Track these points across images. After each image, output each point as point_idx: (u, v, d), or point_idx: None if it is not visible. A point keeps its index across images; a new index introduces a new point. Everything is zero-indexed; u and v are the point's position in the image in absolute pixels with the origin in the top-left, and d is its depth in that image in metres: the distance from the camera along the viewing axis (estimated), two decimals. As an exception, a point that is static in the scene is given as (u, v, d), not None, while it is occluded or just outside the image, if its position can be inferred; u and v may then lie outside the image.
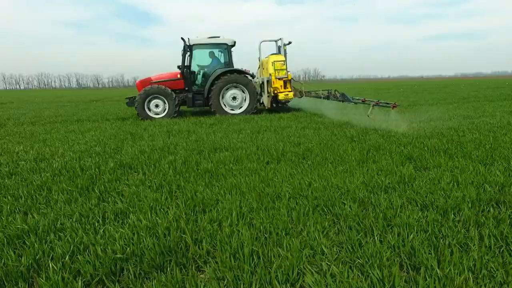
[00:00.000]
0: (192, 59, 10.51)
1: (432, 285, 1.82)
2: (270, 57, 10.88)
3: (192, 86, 10.68)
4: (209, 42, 10.70)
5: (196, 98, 10.61)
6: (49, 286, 1.82)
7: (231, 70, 10.54)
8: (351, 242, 2.32)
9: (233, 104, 10.70)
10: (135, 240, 2.28)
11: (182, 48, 10.37)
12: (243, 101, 10.75)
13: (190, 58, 10.45)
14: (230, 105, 10.68)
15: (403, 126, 7.13)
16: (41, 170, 4.22)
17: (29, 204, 3.08)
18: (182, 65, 10.43)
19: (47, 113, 13.24)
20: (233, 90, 10.58)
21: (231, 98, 10.62)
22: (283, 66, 10.66)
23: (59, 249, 2.21)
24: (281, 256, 2.14)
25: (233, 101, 10.64)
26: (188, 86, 10.60)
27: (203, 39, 10.64)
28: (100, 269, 2.02)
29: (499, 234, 2.38)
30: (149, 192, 3.37)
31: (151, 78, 10.72)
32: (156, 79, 10.66)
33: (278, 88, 10.73)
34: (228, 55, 10.83)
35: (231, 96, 10.60)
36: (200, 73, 10.89)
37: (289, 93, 10.78)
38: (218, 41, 10.73)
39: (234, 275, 1.93)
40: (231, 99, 10.62)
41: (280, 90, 10.73)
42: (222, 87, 10.40)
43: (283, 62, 10.68)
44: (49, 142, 6.46)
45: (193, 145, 5.71)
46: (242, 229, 2.49)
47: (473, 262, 2.04)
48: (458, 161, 4.27)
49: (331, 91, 10.52)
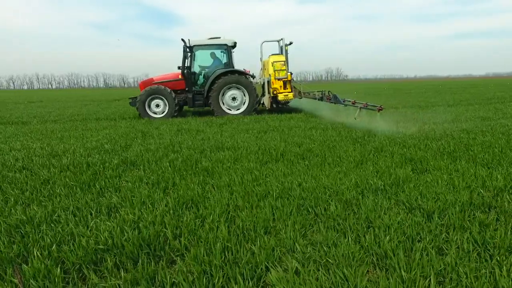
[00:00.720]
0: (192, 60, 10.69)
1: (394, 286, 1.83)
2: (270, 57, 10.87)
3: (193, 86, 10.84)
4: (209, 43, 10.84)
5: (196, 99, 10.76)
6: (32, 271, 1.97)
7: (231, 70, 10.62)
8: (326, 242, 2.35)
9: (232, 105, 10.79)
10: (118, 233, 2.41)
11: (182, 49, 10.46)
12: (242, 101, 10.80)
13: (190, 59, 10.63)
14: (229, 105, 10.78)
15: (413, 128, 6.97)
16: (50, 165, 4.49)
17: (32, 196, 3.30)
18: (182, 66, 10.56)
19: (70, 112, 13.88)
20: (232, 90, 10.68)
21: (231, 98, 10.72)
22: (283, 66, 10.61)
23: (48, 238, 2.38)
24: (254, 253, 2.20)
25: (233, 102, 10.74)
26: (188, 87, 10.78)
27: (203, 40, 10.80)
28: (82, 258, 2.16)
29: (480, 239, 2.33)
30: (144, 188, 3.51)
31: (153, 79, 11.02)
32: (158, 79, 10.94)
33: (278, 89, 10.71)
34: (228, 56, 10.91)
35: (231, 97, 10.70)
36: (201, 74, 11.04)
37: (288, 94, 10.75)
38: (218, 42, 10.83)
39: (202, 269, 2.01)
40: (230, 99, 10.73)
41: (280, 91, 10.70)
42: (222, 88, 10.50)
43: (283, 63, 10.62)
44: (65, 140, 6.81)
45: (198, 144, 5.85)
46: (222, 226, 2.57)
47: (443, 266, 2.02)
48: (460, 164, 4.15)
49: (325, 92, 10.44)
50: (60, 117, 11.72)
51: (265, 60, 11.38)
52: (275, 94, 10.72)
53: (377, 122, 7.35)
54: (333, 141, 5.77)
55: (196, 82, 10.93)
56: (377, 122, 7.41)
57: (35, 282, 1.89)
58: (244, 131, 7.36)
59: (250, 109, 10.72)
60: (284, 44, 11.03)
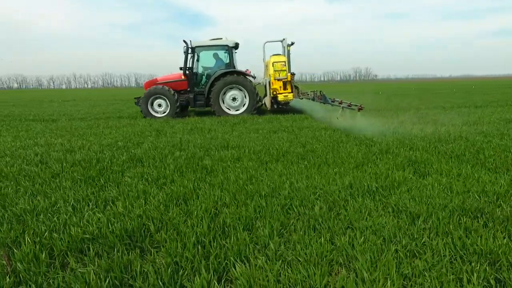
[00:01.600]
0: (194, 61, 10.91)
1: (351, 286, 1.84)
2: (271, 57, 10.84)
3: (195, 87, 11.06)
4: (210, 44, 11.02)
5: (198, 99, 10.97)
6: (21, 255, 2.17)
7: (231, 71, 10.73)
8: (302, 241, 2.38)
9: (233, 105, 10.90)
10: (105, 224, 2.58)
11: (184, 50, 10.64)
12: (243, 102, 10.87)
13: (192, 59, 10.85)
14: (230, 105, 10.90)
15: (428, 130, 6.76)
16: (64, 160, 4.80)
17: (40, 188, 3.57)
18: (184, 67, 10.77)
19: (96, 110, 14.61)
20: (233, 91, 10.79)
21: (231, 98, 10.83)
22: (283, 67, 10.53)
23: (43, 227, 2.59)
24: (228, 248, 2.28)
25: (233, 102, 10.85)
26: (190, 87, 11.02)
27: (205, 41, 11.01)
28: (68, 246, 2.34)
29: (460, 244, 2.27)
30: (143, 184, 3.69)
31: (157, 79, 11.36)
32: (161, 80, 11.27)
33: (277, 89, 10.68)
34: (229, 57, 11.01)
35: (231, 97, 10.82)
36: (204, 74, 11.23)
37: (288, 95, 10.69)
38: (219, 42, 11.00)
39: (173, 261, 2.12)
40: (231, 99, 10.83)
41: (280, 91, 10.67)
42: (222, 88, 10.64)
43: (283, 63, 10.56)
44: (86, 136, 7.21)
45: (205, 142, 6.01)
46: (204, 221, 2.67)
47: (410, 271, 2.00)
48: (465, 168, 4.00)
49: (316, 92, 10.30)
50: (87, 115, 12.37)
51: (267, 60, 11.41)
52: (275, 95, 10.74)
53: (421, 124, 7.27)
54: (340, 142, 5.72)
55: (198, 83, 11.17)
56: (421, 123, 7.34)
57: (21, 265, 2.08)
58: (254, 130, 7.44)
59: (250, 110, 10.78)
60: (286, 44, 10.96)
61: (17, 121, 10.96)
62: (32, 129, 8.73)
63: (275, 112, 11.13)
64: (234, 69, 10.83)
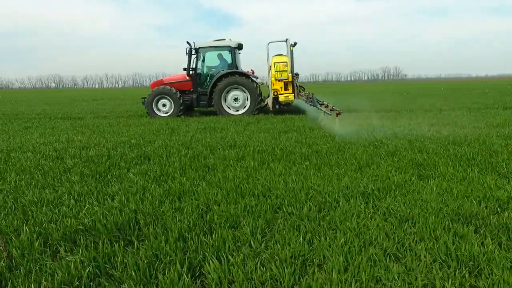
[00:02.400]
0: (197, 61, 11.12)
1: (316, 285, 1.85)
2: (273, 58, 10.79)
3: (198, 87, 11.27)
4: (213, 45, 11.21)
5: (201, 99, 11.18)
6: (18, 242, 2.35)
7: (233, 71, 10.83)
8: (281, 240, 2.41)
9: (235, 105, 11.00)
10: (99, 217, 2.73)
11: (188, 51, 10.85)
12: (244, 102, 10.95)
13: (196, 60, 11.07)
14: (232, 106, 11.01)
15: (444, 132, 6.51)
16: (78, 156, 5.08)
17: (51, 182, 3.81)
18: (187, 67, 10.98)
19: (121, 109, 15.20)
20: (235, 91, 10.90)
21: (233, 99, 10.93)
22: (285, 67, 10.46)
23: (43, 217, 2.78)
24: (207, 244, 2.35)
25: (235, 102, 10.95)
26: (194, 87, 11.23)
27: (208, 42, 11.21)
28: (63, 236, 2.51)
29: (445, 249, 2.21)
30: (145, 180, 3.84)
31: (163, 80, 11.68)
32: (167, 80, 11.58)
33: (278, 90, 10.64)
34: (232, 57, 11.13)
35: (233, 97, 10.92)
36: (207, 75, 11.40)
37: (289, 95, 10.61)
38: (221, 43, 11.18)
39: (154, 254, 2.22)
40: (233, 100, 10.94)
41: (281, 92, 10.61)
42: (224, 88, 10.78)
43: (285, 63, 10.49)
44: (105, 134, 7.56)
45: (214, 141, 6.12)
46: (192, 218, 2.76)
47: (383, 274, 1.98)
48: (472, 172, 3.85)
49: (308, 94, 10.18)
50: (111, 114, 12.92)
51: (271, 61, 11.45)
52: (276, 95, 10.73)
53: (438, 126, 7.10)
54: (347, 143, 5.64)
55: (202, 83, 11.38)
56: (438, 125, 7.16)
57: (17, 251, 2.26)
58: (265, 130, 7.48)
59: (252, 110, 10.86)
60: (289, 44, 10.89)
61: (47, 118, 11.65)
62: (58, 126, 9.26)
63: (289, 112, 11.08)
64: (236, 70, 10.99)
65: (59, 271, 2.01)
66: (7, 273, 2.06)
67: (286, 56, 10.82)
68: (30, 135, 7.70)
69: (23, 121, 10.79)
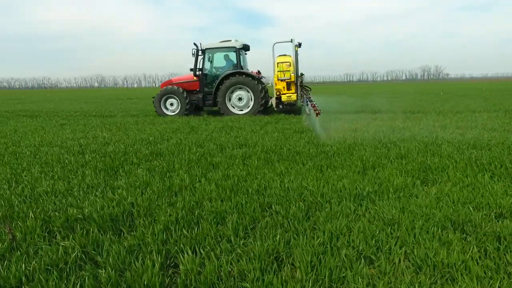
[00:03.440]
0: (204, 62, 11.41)
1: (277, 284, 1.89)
2: (277, 58, 10.78)
3: (205, 87, 11.54)
4: (218, 46, 11.45)
5: (207, 98, 11.49)
6: (24, 227, 2.62)
7: (237, 72, 11.03)
8: (261, 238, 2.47)
9: (239, 105, 11.19)
10: (98, 207, 2.95)
11: (194, 52, 11.13)
12: (248, 102, 11.09)
13: (203, 61, 11.37)
14: (236, 105, 11.20)
15: (468, 135, 6.18)
16: (97, 152, 5.43)
17: (67, 174, 4.14)
18: (194, 68, 11.29)
19: (150, 108, 15.81)
20: (239, 91, 11.10)
21: (237, 98, 11.11)
22: (288, 67, 10.43)
23: (50, 206, 3.05)
24: (186, 237, 2.47)
25: (239, 102, 11.13)
26: (201, 87, 11.54)
27: (214, 43, 11.46)
28: (63, 224, 2.74)
29: (422, 255, 2.16)
30: (150, 176, 4.05)
31: (172, 80, 12.11)
32: (176, 80, 12.01)
33: (281, 90, 10.64)
34: (237, 58, 11.34)
35: (237, 97, 11.10)
36: (213, 75, 11.61)
37: (292, 95, 10.57)
38: (226, 44, 11.41)
39: (137, 243, 2.38)
40: (237, 99, 11.12)
41: (283, 92, 10.61)
42: (228, 88, 11.00)
43: (289, 64, 10.48)
44: (128, 131, 7.98)
45: (226, 140, 6.26)
46: (182, 212, 2.89)
47: (351, 277, 1.98)
48: (483, 178, 3.65)
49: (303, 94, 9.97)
50: (140, 112, 13.54)
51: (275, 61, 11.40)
52: (279, 95, 10.74)
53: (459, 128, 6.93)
54: (360, 144, 5.53)
55: (208, 83, 11.66)
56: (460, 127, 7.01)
57: (20, 235, 2.52)
58: (281, 130, 7.51)
59: (255, 110, 11.00)
60: (293, 45, 10.84)
61: (82, 116, 12.47)
62: (90, 123, 9.89)
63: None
64: (240, 70, 11.20)
65: (50, 253, 2.22)
66: (7, 253, 2.30)
67: (289, 56, 10.88)
68: (63, 131, 8.30)
69: (60, 118, 11.63)
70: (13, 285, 1.97)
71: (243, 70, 11.29)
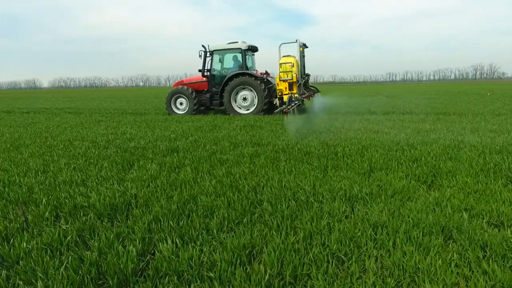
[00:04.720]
0: (212, 63, 11.84)
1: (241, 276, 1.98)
2: (281, 58, 10.74)
3: (213, 87, 11.95)
4: (225, 47, 11.89)
5: (214, 98, 11.94)
6: (36, 210, 2.95)
7: (242, 72, 11.32)
8: (240, 231, 2.57)
9: (244, 105, 11.48)
10: (101, 197, 3.22)
11: (202, 53, 11.54)
12: (253, 102, 11.26)
13: (211, 62, 11.76)
14: (241, 105, 11.51)
15: (498, 140, 5.76)
16: (120, 147, 5.83)
17: (87, 166, 4.52)
18: (202, 69, 11.71)
19: (183, 106, 16.49)
20: (243, 91, 11.40)
21: (242, 98, 11.40)
22: (292, 68, 10.39)
23: (64, 194, 3.38)
24: (171, 228, 2.63)
25: (244, 102, 11.38)
26: (209, 88, 11.96)
27: (221, 45, 11.82)
28: (70, 210, 3.04)
29: (397, 260, 2.13)
30: (159, 170, 4.30)
31: (183, 81, 12.65)
32: (187, 81, 12.57)
33: (283, 90, 10.65)
34: (242, 59, 11.65)
35: (242, 97, 11.40)
36: (221, 76, 11.87)
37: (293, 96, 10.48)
38: (233, 46, 11.80)
39: (127, 231, 2.58)
40: (242, 99, 11.40)
41: (285, 92, 10.60)
42: (233, 88, 11.34)
43: (292, 64, 10.46)
44: (154, 128, 8.43)
45: (242, 139, 6.40)
46: (176, 204, 3.07)
47: (314, 275, 2.01)
48: (495, 183, 3.44)
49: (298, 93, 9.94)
50: (172, 110, 14.14)
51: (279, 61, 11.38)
52: (280, 95, 10.76)
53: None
54: (373, 146, 5.39)
55: (216, 84, 11.99)
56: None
57: (31, 217, 2.84)
58: (299, 130, 7.49)
59: (259, 110, 11.23)
60: (299, 45, 10.89)
61: (118, 113, 13.31)
62: (123, 120, 10.55)
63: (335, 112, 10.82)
64: (245, 71, 11.43)
65: (48, 234, 2.49)
66: (17, 233, 2.62)
67: (293, 57, 10.93)
68: (98, 127, 8.97)
69: (99, 115, 12.53)
70: (13, 260, 2.25)
71: (248, 71, 11.59)
